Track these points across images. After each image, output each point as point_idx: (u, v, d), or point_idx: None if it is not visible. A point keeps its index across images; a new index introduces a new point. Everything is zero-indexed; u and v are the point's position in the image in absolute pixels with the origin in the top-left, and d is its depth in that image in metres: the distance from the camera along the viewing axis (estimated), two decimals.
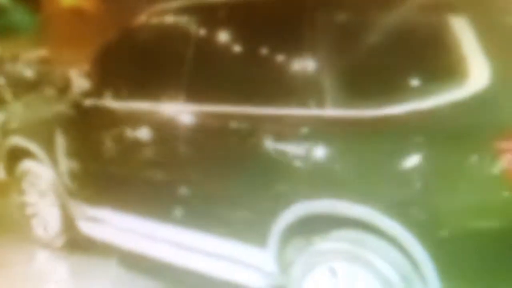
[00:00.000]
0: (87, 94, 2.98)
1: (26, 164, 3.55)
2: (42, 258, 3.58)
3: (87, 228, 3.27)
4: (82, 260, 3.45)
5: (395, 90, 2.02)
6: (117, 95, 2.93)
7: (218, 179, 2.48)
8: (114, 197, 3.01)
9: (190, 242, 2.67)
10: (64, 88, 2.94)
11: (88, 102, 3.00)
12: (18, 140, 3.51)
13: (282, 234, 2.30)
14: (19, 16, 12.04)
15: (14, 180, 3.70)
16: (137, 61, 2.89)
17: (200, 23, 2.59)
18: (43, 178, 3.45)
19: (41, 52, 10.46)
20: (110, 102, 2.93)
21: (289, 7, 2.31)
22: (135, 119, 2.81)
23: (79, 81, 2.93)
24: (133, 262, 3.32)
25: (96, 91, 2.97)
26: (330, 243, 2.20)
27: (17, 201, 3.74)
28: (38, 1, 7.03)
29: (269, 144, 2.26)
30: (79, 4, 6.84)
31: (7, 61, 9.82)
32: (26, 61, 10.58)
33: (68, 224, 3.42)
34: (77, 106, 3.03)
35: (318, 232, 2.24)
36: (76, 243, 3.52)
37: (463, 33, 1.86)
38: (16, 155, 3.60)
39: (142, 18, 2.88)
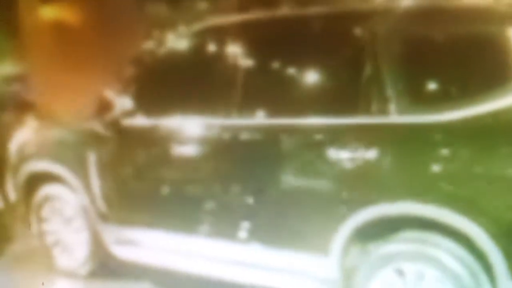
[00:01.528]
0: (126, 113, 3.05)
1: (49, 190, 3.53)
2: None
3: (121, 251, 3.28)
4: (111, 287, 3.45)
5: (457, 96, 2.26)
6: (159, 113, 3.00)
7: (277, 191, 2.60)
8: (157, 217, 3.05)
9: (247, 257, 2.75)
10: (102, 108, 3.00)
11: (127, 121, 3.06)
12: (41, 165, 3.49)
13: (346, 239, 2.44)
14: None
15: (32, 208, 3.66)
16: (179, 78, 2.99)
17: (251, 35, 2.76)
18: (69, 203, 3.44)
19: (11, 70, 10.11)
20: (151, 121, 3.01)
21: (350, 20, 2.53)
22: (181, 136, 2.90)
23: (117, 101, 3.00)
24: (167, 285, 3.36)
25: (135, 110, 3.04)
26: (396, 245, 2.35)
27: (36, 230, 3.69)
28: (14, 14, 6.78)
29: (334, 153, 2.41)
30: (61, 17, 6.67)
31: None
32: None
33: (97, 249, 3.42)
34: (115, 126, 3.09)
35: (381, 236, 2.40)
36: (104, 270, 3.51)
37: None
38: (35, 181, 3.57)
39: (185, 34, 3.01)
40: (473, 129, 2.18)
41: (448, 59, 2.30)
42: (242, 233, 2.73)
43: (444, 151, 2.22)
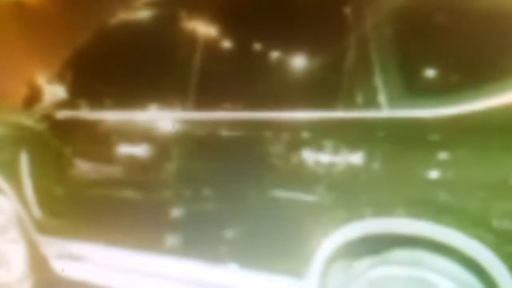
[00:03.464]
0: (61, 104, 2.60)
1: None
2: None
3: (62, 267, 2.87)
4: None
5: (464, 85, 1.83)
6: (99, 104, 2.57)
7: (241, 199, 2.18)
8: (99, 228, 2.63)
9: (202, 277, 2.36)
10: (32, 98, 2.54)
11: (62, 114, 2.62)
12: None
13: (325, 261, 2.05)
14: None
15: None
16: (122, 63, 2.54)
17: (207, 12, 2.31)
18: (2, 210, 3.01)
19: None
20: (90, 113, 2.58)
21: None
22: (124, 132, 2.47)
23: (50, 89, 2.54)
24: None
25: (73, 100, 2.60)
26: (386, 268, 1.97)
27: None
28: None
29: (311, 155, 1.99)
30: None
31: None
32: None
33: (37, 263, 3.00)
34: (48, 120, 2.65)
35: (368, 256, 2.02)
36: (48, 285, 3.11)
37: None
38: None
39: (126, 11, 2.54)
40: (483, 126, 1.78)
41: (454, 40, 1.87)
42: (199, 250, 2.33)
43: (447, 154, 1.80)
